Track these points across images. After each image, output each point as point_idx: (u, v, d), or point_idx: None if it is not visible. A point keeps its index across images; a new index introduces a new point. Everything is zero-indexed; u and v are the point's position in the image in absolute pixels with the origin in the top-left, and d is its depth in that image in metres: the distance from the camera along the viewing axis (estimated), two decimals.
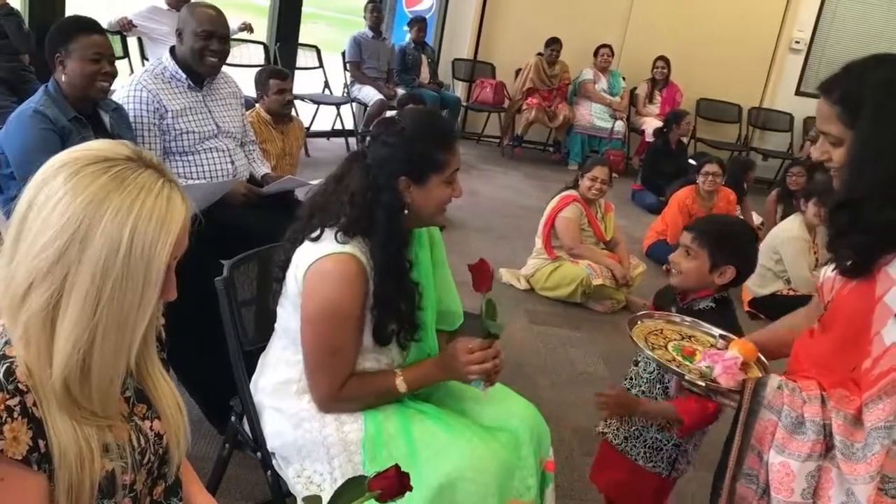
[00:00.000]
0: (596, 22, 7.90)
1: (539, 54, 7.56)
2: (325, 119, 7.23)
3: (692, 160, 6.16)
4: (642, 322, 1.81)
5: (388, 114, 4.09)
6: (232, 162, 2.95)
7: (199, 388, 2.42)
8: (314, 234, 1.70)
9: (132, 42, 5.78)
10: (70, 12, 4.62)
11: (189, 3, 3.08)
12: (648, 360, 2.01)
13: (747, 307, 4.45)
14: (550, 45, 7.51)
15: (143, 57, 5.76)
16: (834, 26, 8.37)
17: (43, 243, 0.97)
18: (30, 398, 0.98)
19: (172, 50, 2.87)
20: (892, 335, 1.30)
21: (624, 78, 7.94)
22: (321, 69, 7.15)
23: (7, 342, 1.00)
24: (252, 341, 1.92)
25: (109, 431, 1.07)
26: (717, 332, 1.79)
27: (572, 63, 7.70)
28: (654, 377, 2.05)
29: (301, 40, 6.97)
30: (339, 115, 7.18)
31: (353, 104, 7.13)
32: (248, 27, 6.17)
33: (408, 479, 1.17)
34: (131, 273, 0.99)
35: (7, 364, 0.98)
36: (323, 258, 1.66)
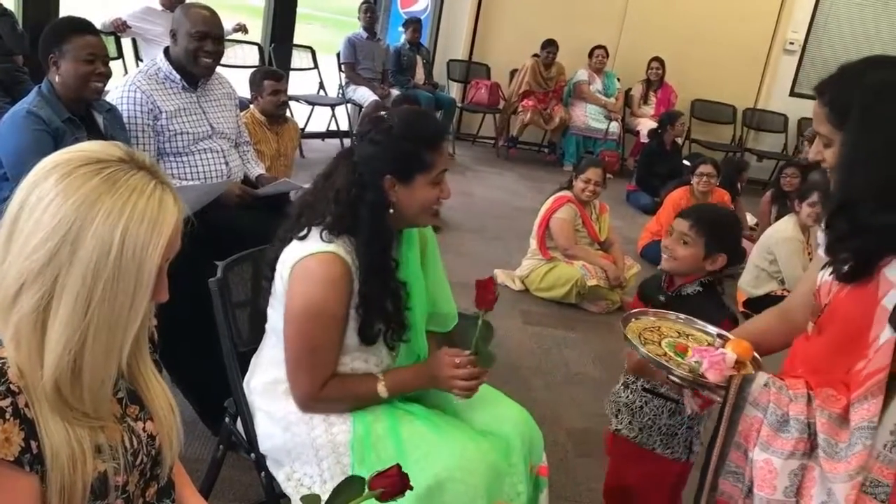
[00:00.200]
0: (591, 23, 7.91)
1: (535, 56, 7.56)
2: (320, 120, 7.23)
3: (686, 161, 6.18)
4: (637, 320, 1.82)
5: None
6: (226, 163, 2.94)
7: (193, 390, 2.42)
8: (301, 233, 1.70)
9: (126, 43, 5.77)
10: (64, 13, 4.62)
11: (183, 3, 3.08)
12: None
13: (742, 307, 4.46)
14: (547, 47, 7.50)
15: (138, 58, 5.75)
16: (828, 27, 8.39)
17: (34, 244, 0.97)
18: (21, 399, 0.98)
19: (166, 51, 2.86)
20: (884, 336, 1.30)
21: (619, 79, 7.96)
22: (316, 70, 7.15)
23: None
24: (246, 342, 1.92)
25: (102, 432, 1.07)
26: (714, 330, 1.80)
27: (567, 64, 7.70)
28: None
29: (296, 41, 6.97)
30: (333, 116, 7.17)
31: (348, 105, 7.13)
32: (242, 28, 6.16)
33: (408, 479, 1.17)
34: (122, 275, 0.99)
35: None
36: (307, 257, 1.66)
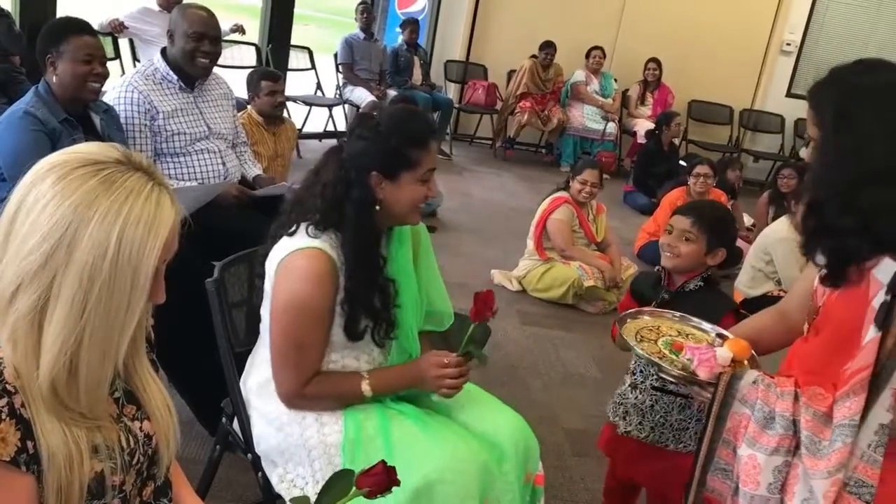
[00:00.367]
0: (588, 24, 7.91)
1: (533, 57, 7.56)
2: (318, 120, 7.23)
3: (683, 162, 6.19)
4: (633, 319, 1.85)
5: None
6: (223, 163, 2.94)
7: (190, 390, 2.42)
8: (291, 230, 1.70)
9: (123, 43, 5.77)
10: (61, 13, 4.61)
11: (180, 4, 3.08)
12: (645, 369, 2.05)
13: (738, 308, 4.46)
14: (545, 48, 7.49)
15: (135, 58, 5.74)
16: (825, 28, 8.41)
17: (31, 246, 0.97)
18: (18, 399, 0.98)
19: (164, 51, 2.86)
20: (869, 335, 1.31)
21: (616, 80, 7.97)
22: (313, 71, 7.15)
23: None
24: (243, 342, 1.92)
25: (99, 432, 1.07)
26: (712, 329, 1.83)
27: (564, 65, 7.71)
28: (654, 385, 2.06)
29: (293, 42, 6.97)
30: (331, 116, 7.18)
31: (346, 106, 7.13)
32: (240, 29, 6.16)
33: (395, 474, 1.17)
34: (118, 277, 0.99)
35: None
36: (293, 253, 1.67)
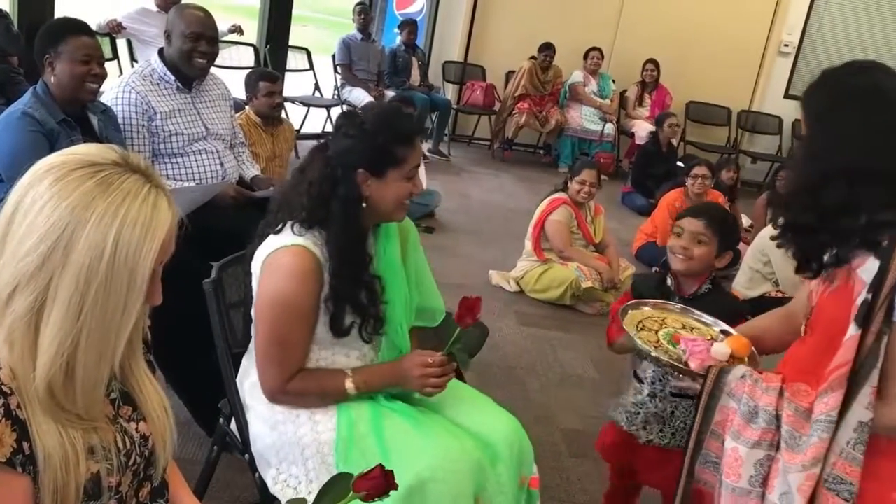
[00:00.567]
0: (586, 25, 7.92)
1: (532, 58, 7.56)
2: (316, 121, 7.22)
3: (680, 163, 6.18)
4: (636, 310, 1.88)
5: None
6: (221, 164, 2.95)
7: (188, 390, 2.42)
8: (277, 228, 1.71)
9: (121, 44, 5.77)
10: (59, 14, 4.60)
11: (178, 4, 3.08)
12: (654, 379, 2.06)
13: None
14: (544, 50, 7.47)
15: (133, 59, 5.74)
16: (822, 30, 8.42)
17: (28, 247, 0.97)
18: (13, 400, 0.98)
19: (161, 52, 2.86)
20: (849, 333, 1.33)
21: (614, 81, 7.97)
22: (311, 71, 7.15)
23: None
24: (240, 343, 1.92)
25: (95, 433, 1.07)
26: (714, 324, 1.86)
27: (562, 66, 7.70)
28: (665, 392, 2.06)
29: (291, 42, 6.97)
30: (329, 117, 7.16)
31: (344, 106, 7.12)
32: (238, 29, 6.16)
33: (393, 478, 1.17)
34: (115, 279, 0.99)
35: None
36: (277, 251, 1.68)
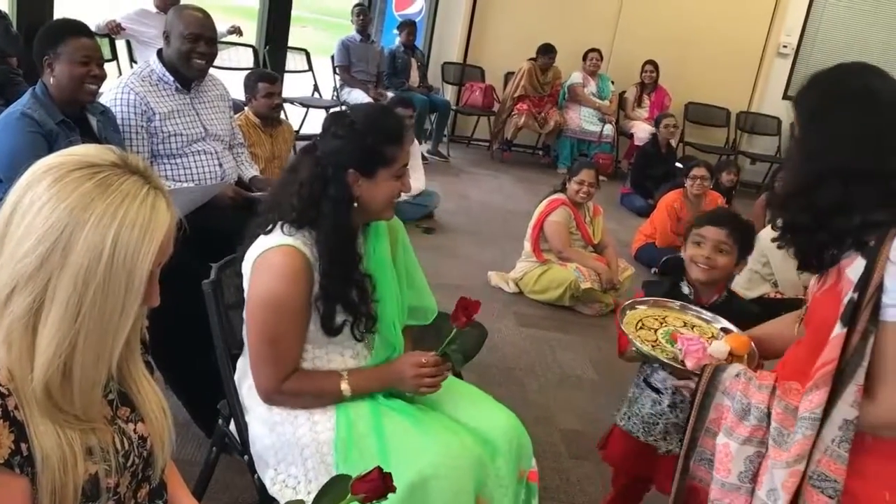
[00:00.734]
0: (585, 26, 7.93)
1: (532, 59, 7.56)
2: (315, 122, 7.22)
3: (679, 164, 6.19)
4: (633, 310, 1.90)
5: None
6: (220, 164, 2.95)
7: (187, 391, 2.42)
8: (267, 228, 1.72)
9: (120, 44, 5.76)
10: (58, 15, 4.60)
11: (176, 5, 3.08)
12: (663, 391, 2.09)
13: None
14: (546, 52, 7.46)
15: (132, 59, 5.74)
16: (821, 31, 8.42)
17: (26, 248, 0.97)
18: (11, 401, 0.98)
19: (160, 52, 2.87)
20: (836, 331, 1.34)
21: (613, 82, 7.98)
22: (310, 72, 7.15)
23: None
24: (239, 344, 1.92)
25: (93, 434, 1.06)
26: (713, 320, 1.89)
27: (561, 67, 7.70)
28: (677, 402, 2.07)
29: (290, 44, 6.97)
30: None
31: (343, 108, 7.12)
32: (237, 30, 6.15)
33: (391, 480, 1.17)
34: (113, 280, 0.99)
35: None
36: (266, 251, 1.68)
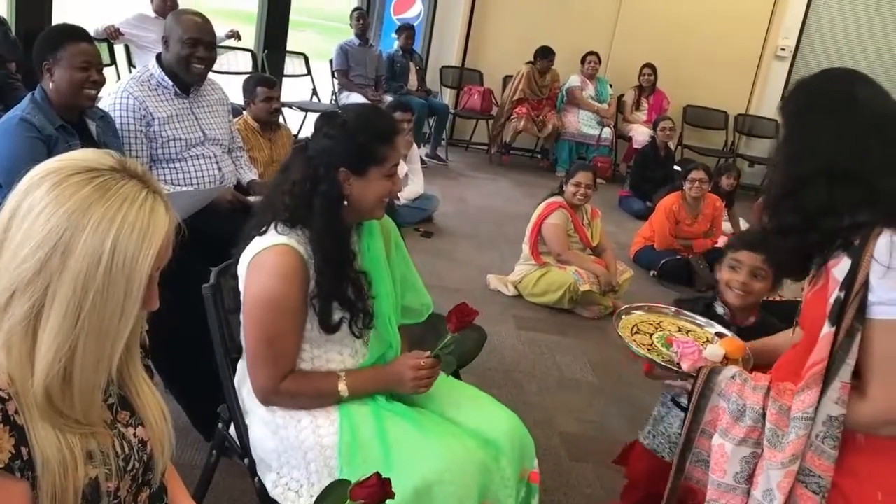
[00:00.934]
0: (583, 29, 7.95)
1: (530, 63, 7.58)
2: (313, 126, 7.23)
3: (678, 167, 6.20)
4: (629, 315, 1.93)
5: None
6: (219, 168, 2.95)
7: (186, 395, 2.42)
8: (262, 229, 1.73)
9: (119, 49, 5.77)
10: (57, 20, 4.61)
11: (175, 10, 3.08)
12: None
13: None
14: (545, 55, 7.47)
15: (131, 64, 5.75)
16: (819, 34, 8.44)
17: (25, 253, 0.97)
18: (11, 406, 0.98)
19: (159, 57, 2.87)
20: (824, 331, 1.36)
21: (611, 85, 8.00)
22: (309, 76, 7.16)
23: None
24: (238, 348, 1.92)
25: (93, 438, 1.07)
26: (707, 324, 1.91)
27: (560, 70, 7.73)
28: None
29: (289, 48, 6.98)
30: None
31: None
32: (235, 35, 6.16)
33: (390, 486, 1.17)
34: (112, 284, 1.00)
35: None
36: (261, 251, 1.69)
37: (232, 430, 1.90)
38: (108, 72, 5.09)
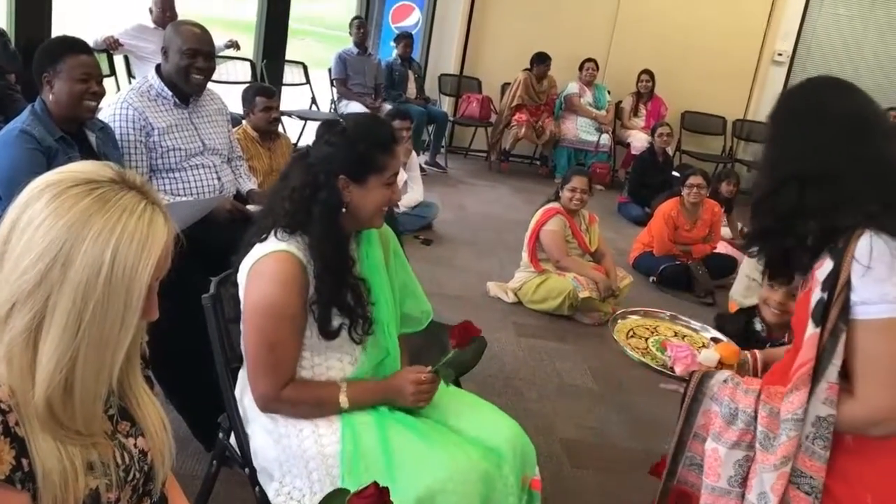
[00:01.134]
0: (580, 36, 7.97)
1: (527, 70, 7.60)
2: (313, 135, 7.23)
3: (676, 173, 6.21)
4: (624, 320, 1.97)
5: None
6: (218, 178, 2.96)
7: (187, 405, 2.42)
8: (263, 236, 1.74)
9: (119, 60, 5.79)
10: (56, 32, 4.64)
11: (174, 21, 3.10)
12: None
13: None
14: (541, 61, 7.50)
15: (130, 75, 5.77)
16: (815, 39, 8.47)
17: (25, 265, 0.98)
18: (12, 417, 0.98)
19: (158, 68, 2.88)
20: (808, 331, 1.38)
21: (609, 91, 8.02)
22: (308, 85, 7.18)
23: None
24: (239, 357, 1.92)
25: (94, 449, 1.07)
26: (702, 329, 1.94)
27: (558, 77, 7.76)
28: None
29: (288, 56, 7.01)
30: None
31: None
32: (234, 45, 6.18)
33: (388, 495, 1.17)
34: (112, 295, 1.00)
35: None
36: (261, 258, 1.70)
37: (232, 439, 1.90)
38: (108, 82, 5.12)
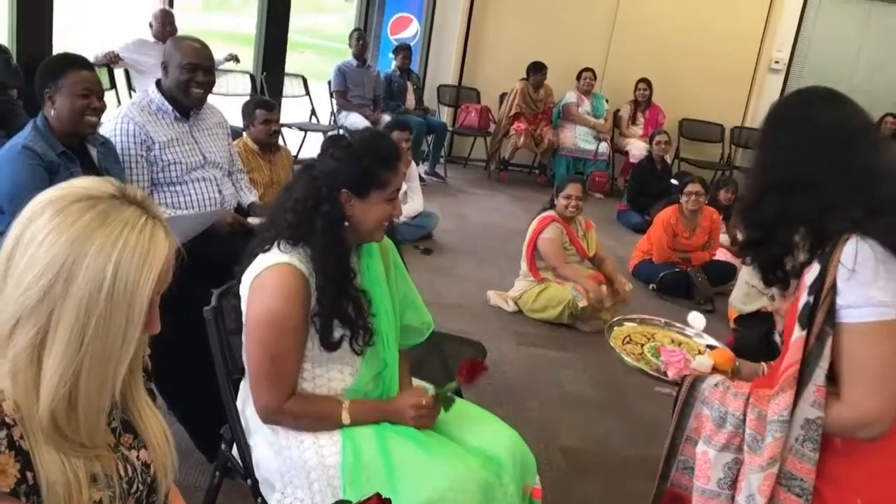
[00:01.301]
0: (578, 46, 8.01)
1: (524, 79, 7.64)
2: (313, 147, 7.27)
3: (674, 180, 6.23)
4: (621, 327, 1.99)
5: None
6: (219, 191, 2.98)
7: (189, 417, 2.43)
8: (266, 247, 1.75)
9: (119, 74, 5.83)
10: (57, 48, 4.67)
11: (174, 36, 3.12)
12: None
13: (732, 324, 4.49)
14: (537, 70, 7.55)
15: (131, 88, 5.80)
16: (812, 46, 8.51)
17: (29, 281, 1.00)
18: (16, 431, 1.00)
19: (158, 82, 2.91)
20: (795, 334, 1.39)
21: (607, 100, 8.05)
22: (308, 97, 7.22)
23: None
24: (240, 369, 1.94)
25: (97, 461, 1.08)
26: (695, 335, 1.96)
27: (555, 87, 7.80)
28: None
29: (288, 69, 7.04)
30: None
31: (340, 131, 7.19)
32: (234, 58, 6.22)
33: None
34: (115, 309, 1.02)
35: None
36: (263, 271, 1.72)
37: (235, 451, 1.91)
38: (109, 96, 5.14)
